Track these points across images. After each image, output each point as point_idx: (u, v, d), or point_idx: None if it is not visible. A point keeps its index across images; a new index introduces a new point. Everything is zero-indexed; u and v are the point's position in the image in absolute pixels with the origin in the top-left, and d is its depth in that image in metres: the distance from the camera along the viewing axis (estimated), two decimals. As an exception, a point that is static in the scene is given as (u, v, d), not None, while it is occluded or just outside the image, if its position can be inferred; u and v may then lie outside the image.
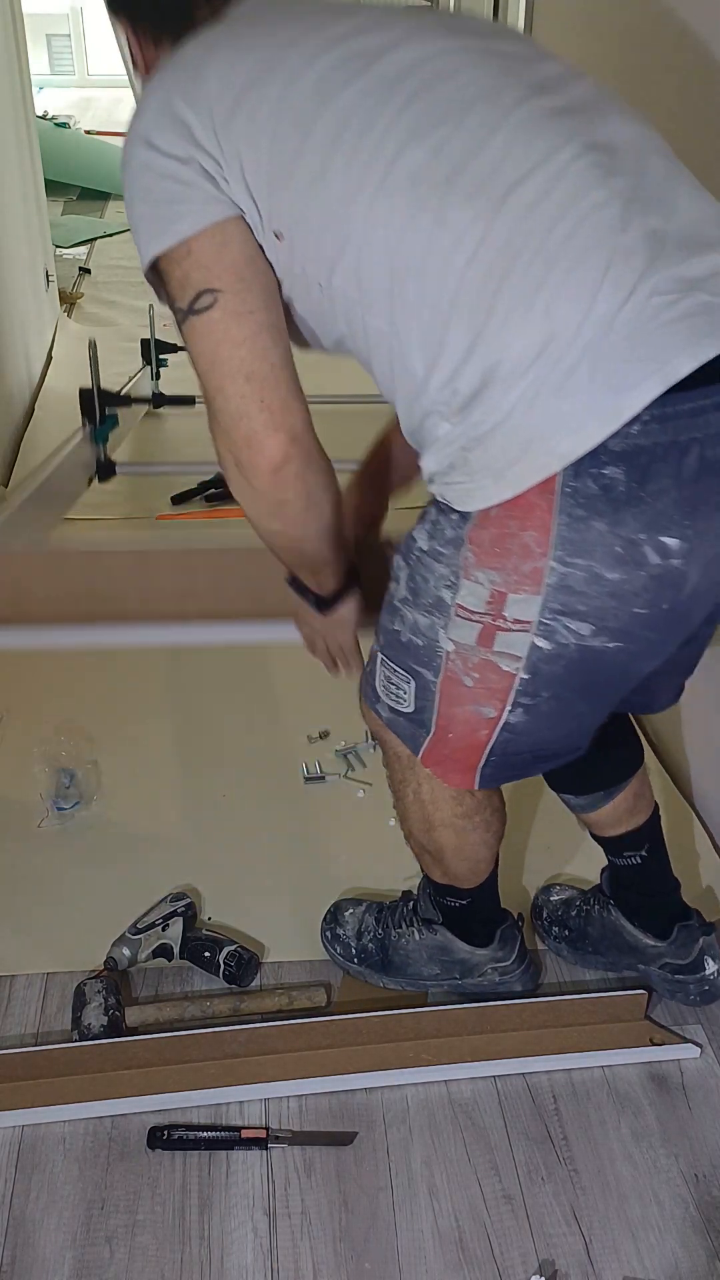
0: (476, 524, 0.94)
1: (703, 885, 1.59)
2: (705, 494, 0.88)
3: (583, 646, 0.96)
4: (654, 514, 0.88)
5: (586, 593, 0.92)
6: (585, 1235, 1.16)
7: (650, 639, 0.98)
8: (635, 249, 0.84)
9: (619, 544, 0.89)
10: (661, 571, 0.91)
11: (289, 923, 1.52)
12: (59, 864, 1.61)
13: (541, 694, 1.01)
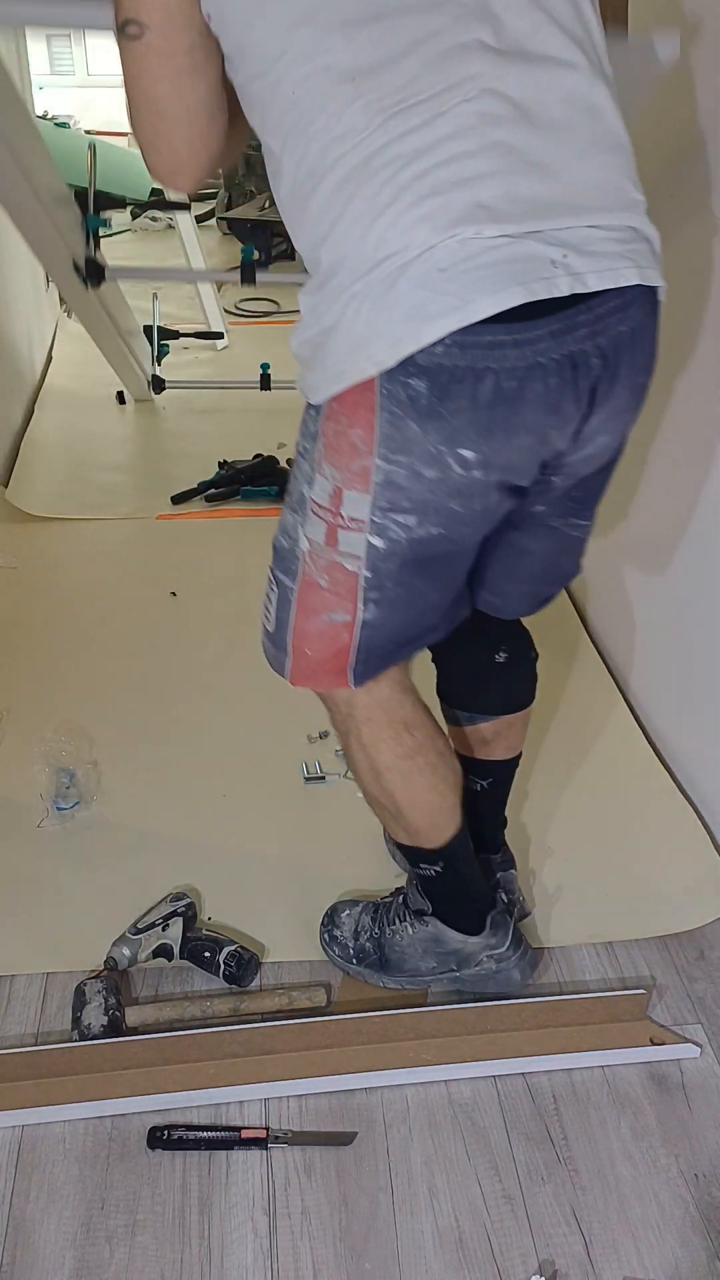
0: (325, 417, 1.04)
1: (703, 885, 1.58)
2: (498, 420, 0.98)
3: (412, 539, 1.06)
4: (451, 430, 0.98)
5: (409, 488, 1.02)
6: (585, 1235, 1.16)
7: (468, 532, 1.09)
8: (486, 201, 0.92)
9: (428, 450, 1.00)
10: (464, 479, 1.01)
11: (289, 923, 1.52)
12: (59, 864, 1.61)
13: (387, 587, 1.11)
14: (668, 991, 1.44)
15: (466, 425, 0.98)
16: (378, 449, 1.01)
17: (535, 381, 0.97)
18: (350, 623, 1.13)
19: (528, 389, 0.97)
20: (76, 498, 2.73)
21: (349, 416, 1.01)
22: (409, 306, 0.94)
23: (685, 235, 1.64)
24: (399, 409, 0.98)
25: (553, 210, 0.94)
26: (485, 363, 0.95)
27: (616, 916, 1.53)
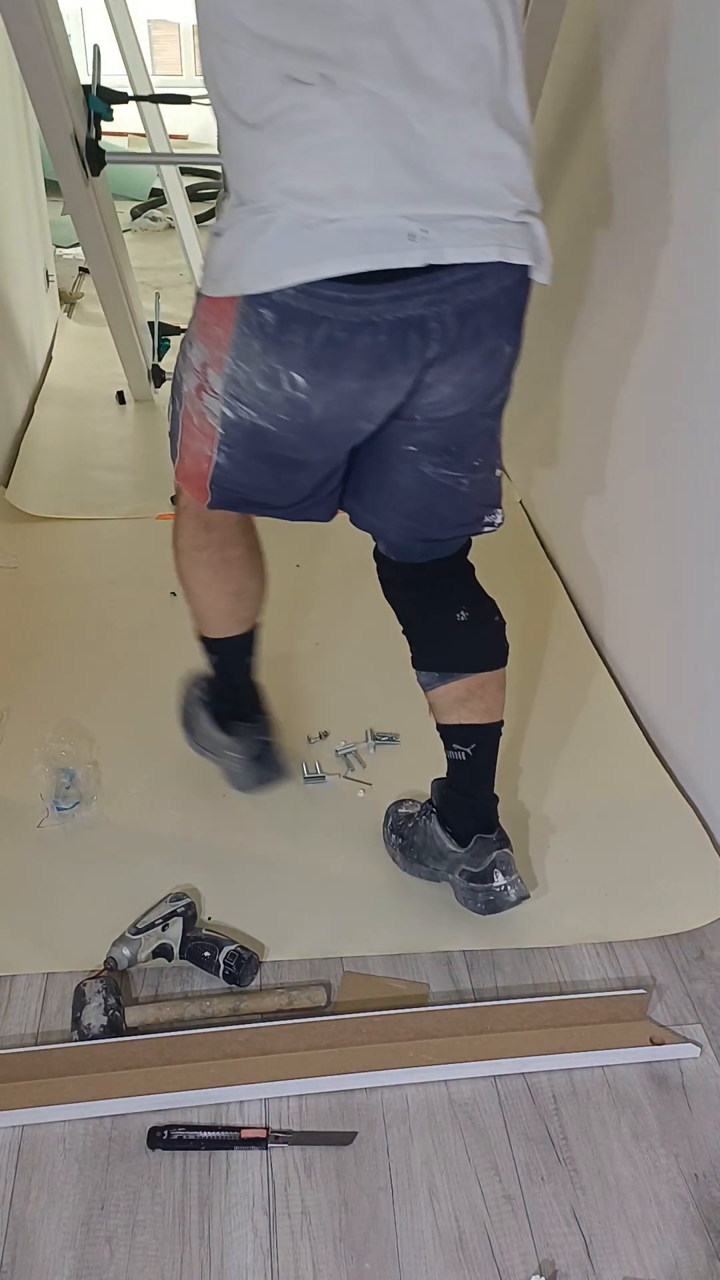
0: (202, 305, 1.23)
1: (703, 885, 1.58)
2: (325, 358, 1.16)
3: (254, 426, 1.25)
4: (287, 356, 1.16)
5: (249, 389, 1.22)
6: (585, 1235, 1.16)
7: (294, 440, 1.26)
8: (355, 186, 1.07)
9: (266, 366, 1.18)
10: (292, 395, 1.20)
11: (289, 923, 1.52)
12: (59, 864, 1.61)
13: (235, 450, 1.30)
14: (668, 991, 1.44)
15: (299, 356, 1.16)
16: (230, 351, 1.20)
17: (364, 336, 1.13)
18: (210, 458, 1.34)
19: (356, 340, 1.14)
20: (76, 498, 2.73)
21: (215, 316, 1.20)
22: (274, 252, 1.10)
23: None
24: (249, 329, 1.17)
25: (419, 200, 1.08)
26: (324, 312, 1.12)
27: (616, 916, 1.53)
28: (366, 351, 1.15)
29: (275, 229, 1.09)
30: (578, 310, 2.22)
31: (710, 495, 1.64)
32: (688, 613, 1.74)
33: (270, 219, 1.09)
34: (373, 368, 1.17)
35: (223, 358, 1.21)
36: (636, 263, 1.88)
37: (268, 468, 1.32)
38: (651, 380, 1.84)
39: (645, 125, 1.81)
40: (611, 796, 1.75)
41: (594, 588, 2.20)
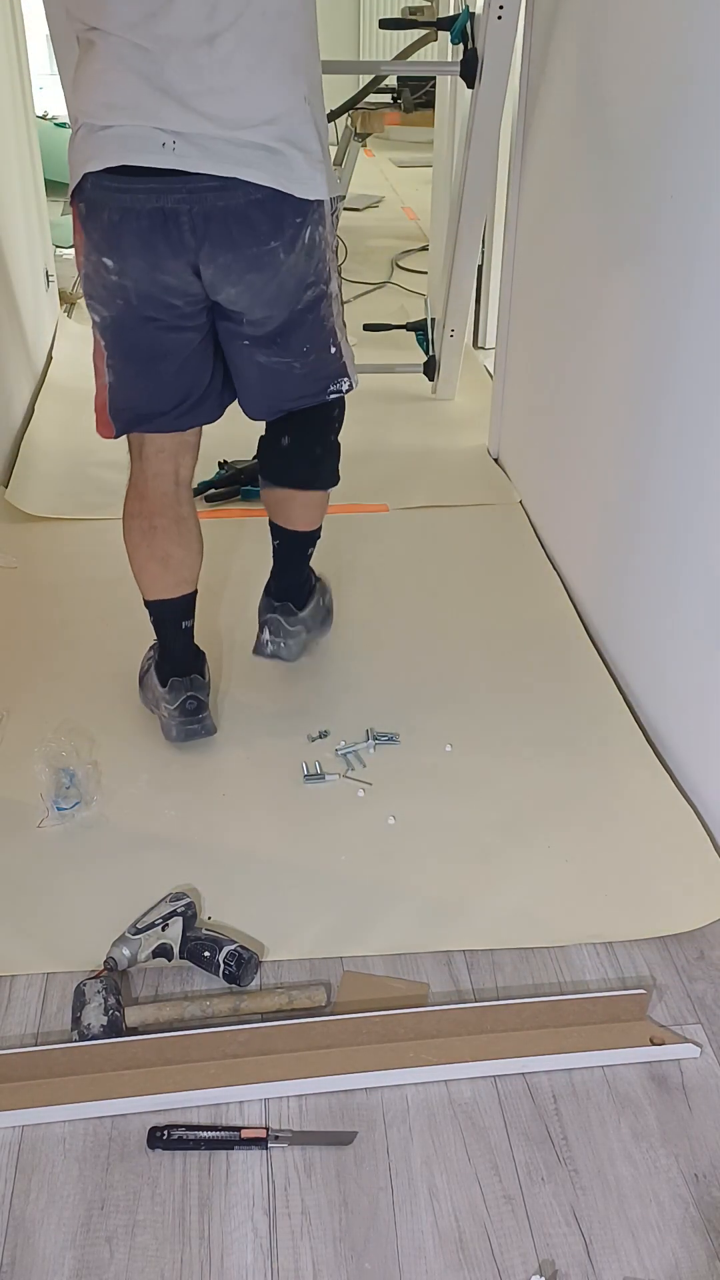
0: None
1: (703, 885, 1.58)
2: (111, 239, 1.46)
3: (109, 318, 1.57)
4: (94, 241, 1.48)
5: (92, 279, 1.52)
6: (585, 1235, 1.16)
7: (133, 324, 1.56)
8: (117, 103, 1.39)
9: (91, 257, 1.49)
10: (109, 280, 1.50)
11: (289, 923, 1.52)
12: (59, 864, 1.61)
13: (115, 361, 1.63)
14: (668, 991, 1.44)
15: (99, 240, 1.48)
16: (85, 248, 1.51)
17: (130, 219, 1.44)
18: (105, 386, 1.67)
19: (126, 222, 1.45)
20: (76, 498, 2.73)
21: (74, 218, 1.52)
22: (76, 156, 1.46)
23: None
24: (80, 220, 1.49)
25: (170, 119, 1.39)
26: (105, 199, 1.45)
27: (616, 916, 1.53)
28: (135, 232, 1.45)
29: (79, 137, 1.45)
30: (578, 311, 2.22)
31: (711, 495, 1.64)
32: (688, 612, 1.74)
33: (78, 129, 1.46)
34: (146, 247, 1.46)
35: (83, 259, 1.53)
36: (636, 262, 1.88)
37: (137, 364, 1.63)
38: (651, 377, 1.84)
39: (644, 124, 1.81)
40: (611, 796, 1.75)
41: (593, 586, 2.21)
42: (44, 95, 7.14)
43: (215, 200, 1.43)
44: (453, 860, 1.63)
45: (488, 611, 2.27)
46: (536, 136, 2.43)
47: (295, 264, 1.52)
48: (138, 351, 1.60)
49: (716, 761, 1.68)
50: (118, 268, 1.48)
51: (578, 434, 2.26)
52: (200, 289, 1.52)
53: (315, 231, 1.52)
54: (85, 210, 1.47)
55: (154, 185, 1.42)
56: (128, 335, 1.58)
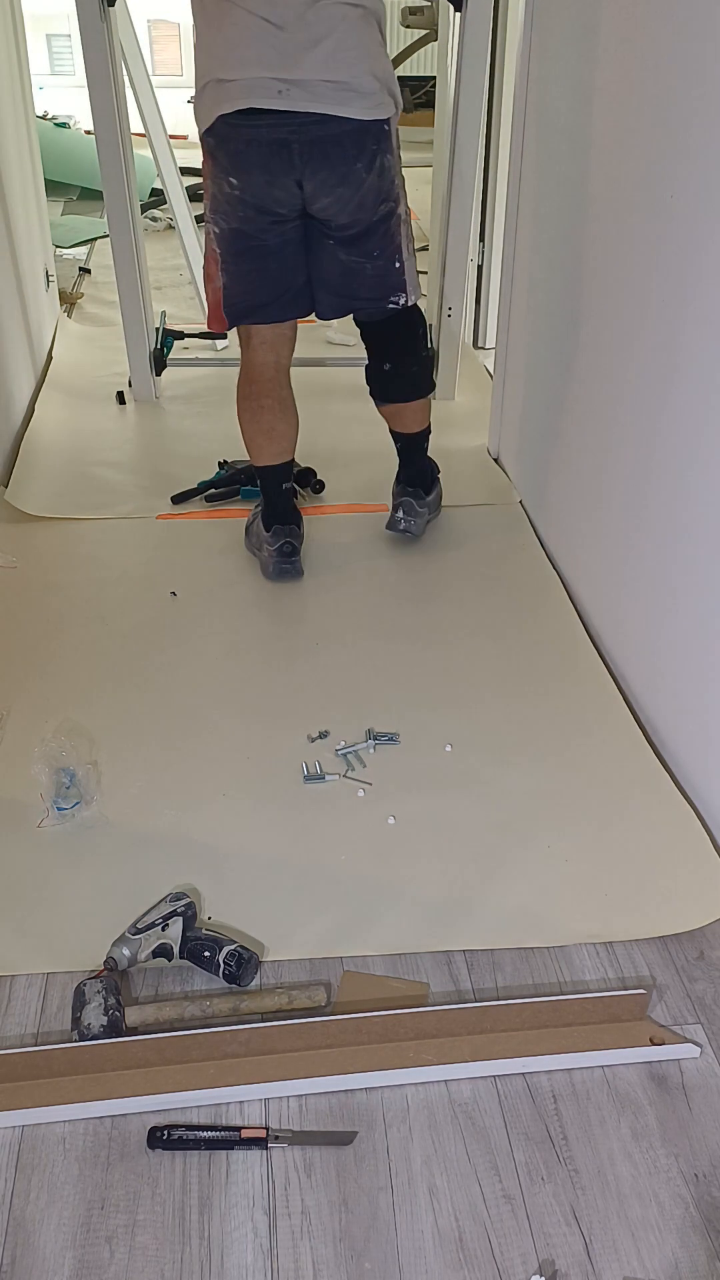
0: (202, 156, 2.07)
1: (703, 885, 1.58)
2: (238, 163, 1.98)
3: (227, 228, 2.08)
4: (223, 166, 2.01)
5: (218, 200, 2.05)
6: (585, 1235, 1.16)
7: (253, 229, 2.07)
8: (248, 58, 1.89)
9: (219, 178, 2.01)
10: (232, 194, 2.02)
11: (289, 923, 1.52)
12: (59, 864, 1.61)
13: (228, 264, 2.12)
14: (668, 991, 1.44)
15: (227, 164, 2.00)
16: (213, 174, 2.03)
17: (254, 147, 1.96)
18: (219, 287, 2.16)
19: (250, 150, 1.96)
20: (76, 498, 2.73)
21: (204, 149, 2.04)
22: (207, 104, 1.96)
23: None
24: (208, 152, 2.02)
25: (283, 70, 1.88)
26: (233, 134, 1.96)
27: (616, 916, 1.53)
28: (257, 157, 1.97)
29: (209, 89, 1.94)
30: (578, 310, 2.22)
31: (711, 495, 1.64)
32: (688, 612, 1.74)
33: (206, 85, 1.94)
34: (264, 167, 1.97)
35: (209, 184, 2.05)
36: (636, 262, 1.88)
37: (249, 263, 2.10)
38: (651, 377, 1.84)
39: (644, 123, 1.81)
40: (611, 796, 1.75)
41: (593, 587, 2.21)
42: (44, 95, 7.15)
43: (316, 131, 1.94)
44: (453, 860, 1.63)
45: (488, 612, 2.27)
46: (536, 136, 2.43)
47: (372, 181, 2.03)
48: (250, 252, 2.09)
49: (716, 761, 1.68)
50: (240, 185, 1.99)
51: (578, 434, 2.26)
52: (300, 201, 2.02)
53: (385, 158, 2.04)
54: (215, 144, 1.98)
55: (272, 121, 1.92)
56: (242, 240, 2.07)
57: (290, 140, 1.93)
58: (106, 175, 2.95)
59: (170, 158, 3.71)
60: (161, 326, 3.35)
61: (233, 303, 2.15)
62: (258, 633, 2.21)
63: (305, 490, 2.74)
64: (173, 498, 2.72)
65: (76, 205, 5.52)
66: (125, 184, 2.96)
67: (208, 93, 1.94)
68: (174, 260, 4.43)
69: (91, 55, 2.78)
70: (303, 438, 2.38)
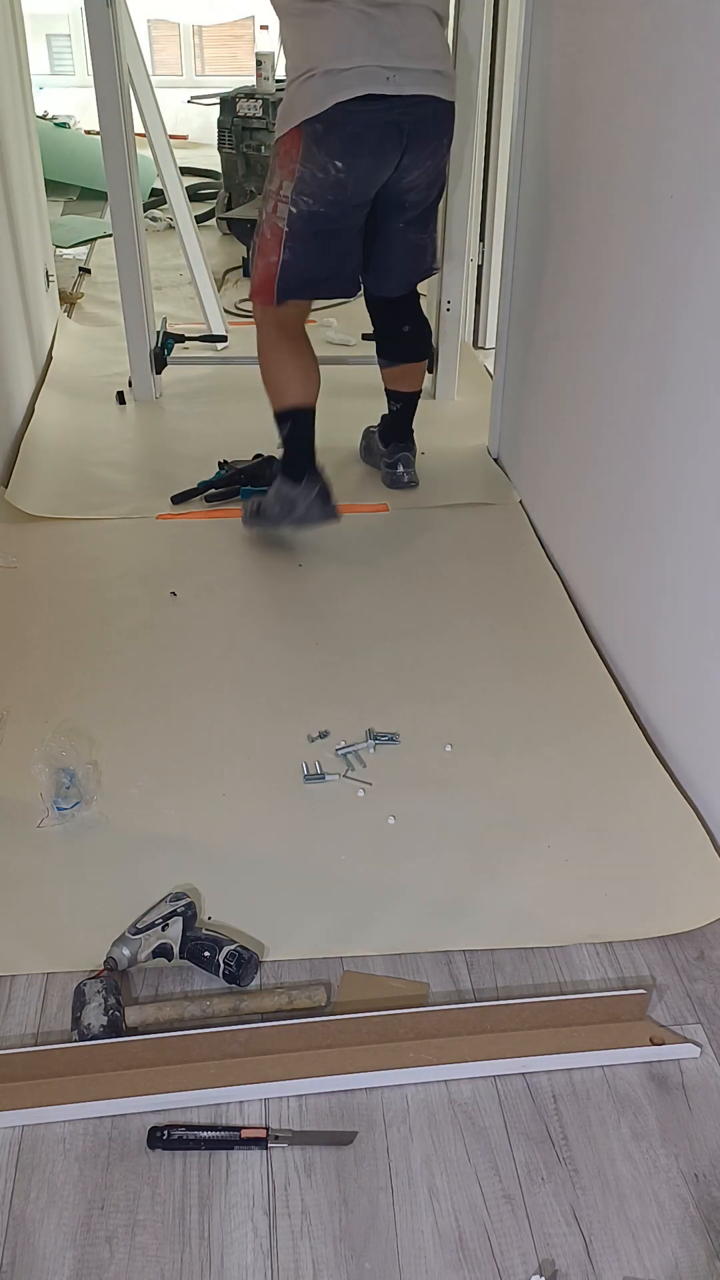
0: (278, 145, 2.21)
1: (703, 885, 1.58)
2: (351, 147, 2.15)
3: (310, 212, 2.22)
4: (332, 148, 2.15)
5: (310, 181, 2.18)
6: (585, 1235, 1.16)
7: (334, 213, 2.24)
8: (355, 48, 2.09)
9: (320, 159, 2.16)
10: (336, 177, 2.18)
11: (289, 923, 1.52)
12: (59, 864, 1.61)
13: (296, 240, 2.26)
14: (668, 991, 1.44)
15: (337, 148, 2.15)
16: (299, 160, 2.17)
17: (371, 130, 2.16)
18: (276, 261, 2.29)
19: (367, 133, 2.16)
20: (76, 498, 2.73)
21: (287, 145, 2.19)
22: (318, 91, 2.10)
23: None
24: (309, 139, 2.14)
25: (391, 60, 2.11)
26: (347, 119, 2.13)
27: (616, 916, 1.53)
28: (373, 141, 2.17)
29: (316, 80, 2.10)
30: (578, 310, 2.22)
31: (710, 495, 1.64)
32: (688, 612, 1.74)
33: (312, 75, 2.10)
34: (376, 150, 2.19)
35: (294, 168, 2.18)
36: (636, 261, 1.88)
37: (318, 243, 2.28)
38: (651, 376, 1.84)
39: (642, 118, 1.81)
40: (611, 796, 1.75)
41: (593, 586, 2.21)
42: (44, 95, 7.15)
43: (418, 113, 2.20)
44: (453, 860, 1.63)
45: (487, 611, 2.27)
46: (536, 135, 2.43)
47: (445, 156, 2.35)
48: (322, 234, 2.27)
49: (716, 761, 1.68)
50: (347, 166, 2.17)
51: (578, 434, 2.26)
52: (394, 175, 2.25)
53: (452, 133, 2.33)
54: (324, 129, 2.12)
55: (384, 106, 2.14)
56: (320, 221, 2.24)
57: (401, 121, 2.17)
58: (111, 174, 2.95)
59: (170, 158, 3.70)
60: (163, 330, 3.35)
61: (289, 278, 2.30)
62: (258, 633, 2.20)
63: None
64: (173, 498, 2.72)
65: (76, 205, 5.52)
66: (129, 183, 2.96)
67: (316, 82, 2.09)
68: (174, 260, 4.42)
69: (99, 54, 2.79)
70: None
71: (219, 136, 4.96)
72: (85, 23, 2.78)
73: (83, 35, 8.14)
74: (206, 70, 9.46)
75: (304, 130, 2.13)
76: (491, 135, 3.49)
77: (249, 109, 4.82)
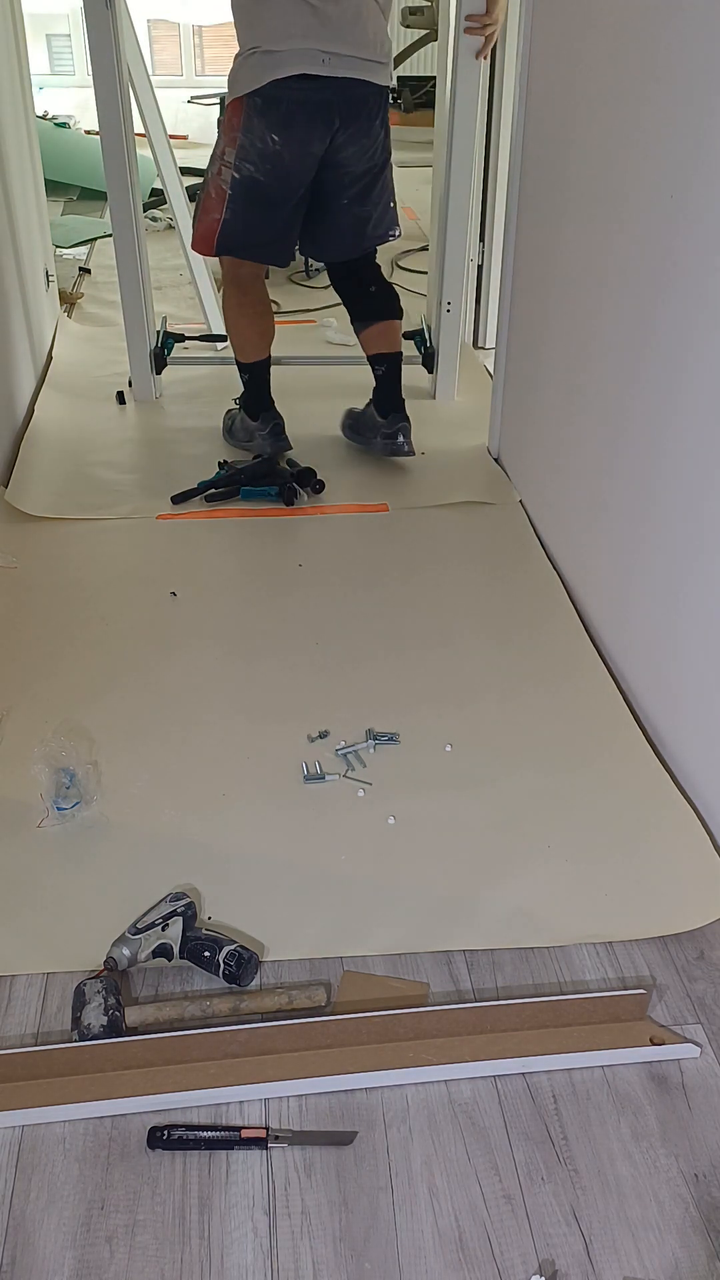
0: (226, 112, 2.42)
1: (703, 885, 1.58)
2: (285, 121, 2.37)
3: (250, 177, 2.44)
4: (269, 121, 2.36)
5: (249, 150, 2.40)
6: (585, 1235, 1.16)
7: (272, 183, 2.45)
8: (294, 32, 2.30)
9: (258, 131, 2.36)
10: (272, 149, 2.39)
11: (289, 922, 1.52)
12: (59, 864, 1.61)
13: (237, 204, 2.49)
14: (668, 991, 1.44)
15: (274, 121, 2.36)
16: (240, 130, 2.39)
17: (303, 108, 2.35)
18: (218, 220, 2.53)
19: (299, 110, 2.35)
20: (76, 498, 2.73)
21: (233, 113, 2.40)
22: (258, 68, 2.30)
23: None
24: (250, 111, 2.36)
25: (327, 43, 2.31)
26: (284, 95, 2.33)
27: (616, 916, 1.53)
28: (305, 117, 2.37)
29: (257, 56, 2.29)
30: (578, 310, 2.22)
31: (710, 495, 1.64)
32: (688, 612, 1.74)
33: (255, 52, 2.29)
34: (308, 125, 2.38)
35: (236, 136, 2.39)
36: (636, 261, 1.88)
37: (258, 211, 2.50)
38: (651, 376, 1.84)
39: (641, 113, 1.82)
40: (611, 796, 1.75)
41: (593, 586, 2.20)
42: (44, 95, 7.15)
43: (350, 93, 2.40)
44: (453, 860, 1.63)
45: (487, 611, 2.27)
46: (537, 136, 2.43)
47: (378, 135, 2.53)
48: (261, 201, 2.48)
49: (716, 761, 1.68)
50: (282, 140, 2.37)
51: (578, 433, 2.26)
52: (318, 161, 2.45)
53: (386, 116, 2.54)
54: (262, 103, 2.33)
55: (318, 85, 2.34)
56: (259, 189, 2.45)
57: (333, 100, 2.39)
58: (110, 174, 2.95)
59: (170, 158, 3.70)
60: (163, 330, 3.36)
61: (227, 237, 2.56)
62: (258, 633, 2.20)
63: (305, 490, 2.74)
64: (173, 498, 2.72)
65: (76, 205, 5.51)
66: (129, 183, 2.96)
67: (254, 59, 2.30)
68: (174, 260, 4.42)
69: (99, 54, 2.79)
70: (303, 438, 2.39)
71: (219, 136, 4.96)
72: (84, 23, 2.77)
73: (83, 35, 8.14)
74: (206, 70, 9.45)
75: (245, 102, 2.35)
76: (491, 135, 3.48)
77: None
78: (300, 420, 3.02)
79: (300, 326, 3.89)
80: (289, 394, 3.02)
